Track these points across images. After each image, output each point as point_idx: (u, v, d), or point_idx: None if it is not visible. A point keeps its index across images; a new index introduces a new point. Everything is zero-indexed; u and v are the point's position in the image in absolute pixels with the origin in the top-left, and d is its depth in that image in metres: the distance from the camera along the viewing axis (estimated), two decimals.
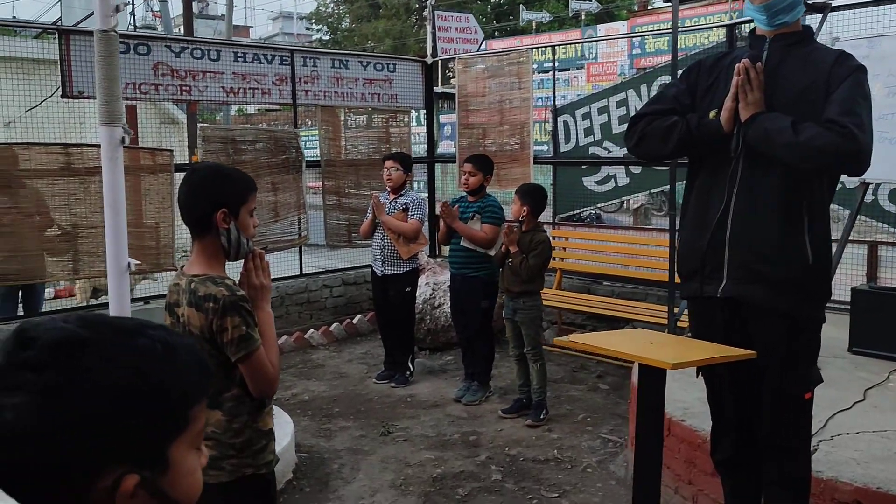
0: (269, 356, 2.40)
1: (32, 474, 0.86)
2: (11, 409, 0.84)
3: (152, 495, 0.91)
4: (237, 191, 2.43)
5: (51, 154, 6.16)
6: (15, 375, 0.85)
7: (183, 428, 0.93)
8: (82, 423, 0.85)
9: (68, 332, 0.88)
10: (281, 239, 7.44)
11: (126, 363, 0.89)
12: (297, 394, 5.92)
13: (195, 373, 0.96)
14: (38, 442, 0.84)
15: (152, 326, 0.95)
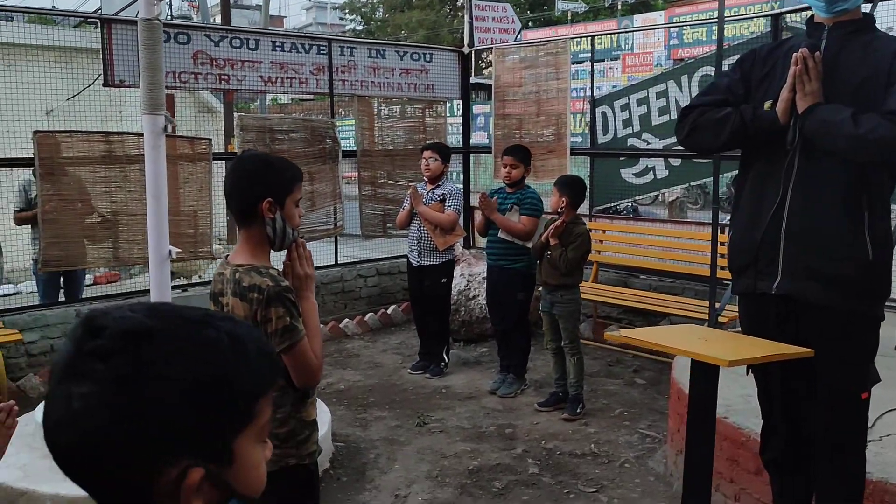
0: (312, 347, 2.39)
1: (98, 463, 0.85)
2: (79, 398, 0.83)
3: (217, 488, 0.90)
4: (283, 180, 2.41)
5: (92, 142, 6.22)
6: (83, 364, 0.84)
7: (249, 421, 0.92)
8: (148, 415, 0.83)
9: (137, 322, 0.87)
10: (317, 229, 7.45)
11: (194, 355, 0.87)
12: (332, 383, 5.93)
13: (262, 365, 0.94)
14: (103, 432, 0.83)
15: (220, 317, 0.93)
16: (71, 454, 0.86)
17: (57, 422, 0.86)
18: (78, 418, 0.83)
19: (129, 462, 0.84)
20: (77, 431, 0.84)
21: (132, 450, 0.84)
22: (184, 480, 0.86)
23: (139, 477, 0.85)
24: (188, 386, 0.85)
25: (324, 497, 4.04)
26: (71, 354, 0.86)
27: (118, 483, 0.86)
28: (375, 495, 4.12)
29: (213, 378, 0.87)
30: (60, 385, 0.85)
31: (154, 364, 0.84)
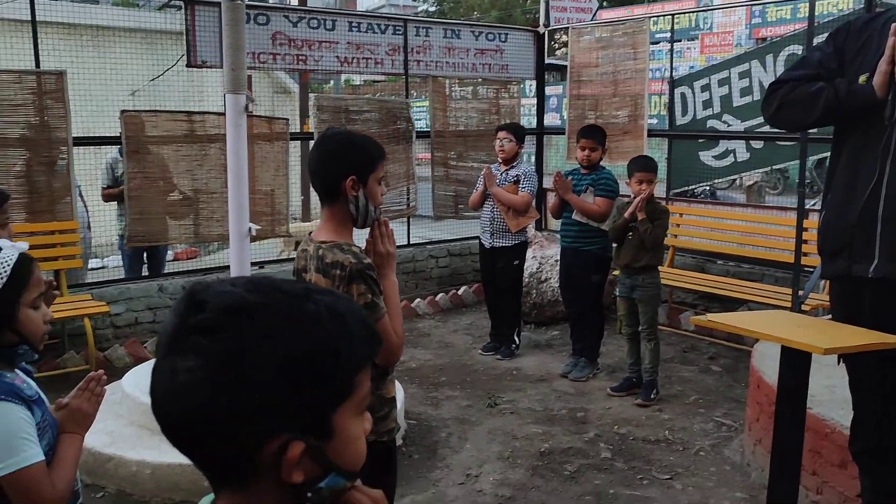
0: (393, 325, 2.40)
1: (201, 435, 0.87)
2: (184, 371, 0.85)
3: (317, 462, 0.90)
4: (366, 158, 2.42)
5: (175, 121, 6.40)
6: (187, 338, 0.86)
7: (348, 394, 0.92)
8: (250, 390, 0.84)
9: (239, 297, 0.88)
10: (390, 209, 7.51)
11: (294, 329, 0.87)
12: (404, 361, 5.98)
13: (361, 338, 0.93)
14: (207, 405, 0.84)
15: (319, 291, 0.93)
16: (176, 426, 0.88)
17: (163, 394, 0.87)
18: (182, 392, 0.85)
19: (232, 435, 0.85)
20: (181, 404, 0.86)
21: (234, 423, 0.85)
22: (284, 454, 0.87)
23: (242, 450, 0.87)
24: (289, 361, 0.85)
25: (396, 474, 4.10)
26: (176, 328, 0.87)
27: (222, 455, 0.88)
28: (447, 473, 4.15)
29: (314, 352, 0.87)
30: (166, 358, 0.87)
31: (255, 339, 0.85)
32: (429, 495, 3.91)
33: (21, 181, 5.74)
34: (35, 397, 1.77)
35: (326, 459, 0.91)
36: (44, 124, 5.74)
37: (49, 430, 1.80)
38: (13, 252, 1.76)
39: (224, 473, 0.91)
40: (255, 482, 0.89)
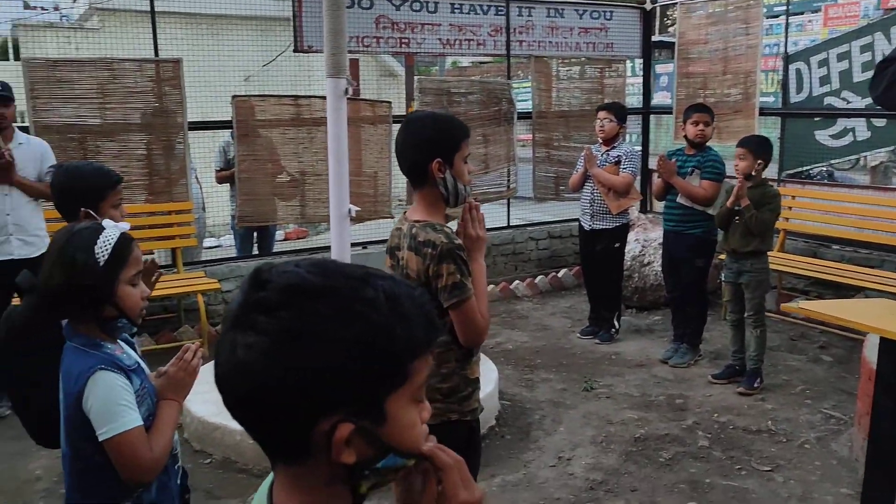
0: (479, 307, 2.42)
1: (256, 410, 0.89)
2: (244, 347, 0.87)
3: (370, 444, 0.91)
4: (450, 139, 2.44)
5: (283, 105, 6.61)
6: (249, 315, 0.88)
7: (403, 381, 0.92)
8: (304, 368, 0.86)
9: (300, 277, 0.90)
10: (490, 191, 7.52)
11: (352, 313, 0.88)
12: (500, 342, 6.01)
13: (419, 325, 0.92)
14: (262, 381, 0.87)
15: (380, 276, 0.94)
16: (234, 399, 0.91)
17: (223, 368, 0.90)
18: (240, 367, 0.88)
19: (285, 412, 0.88)
20: (239, 379, 0.88)
21: (287, 401, 0.87)
22: (334, 434, 0.89)
23: (294, 427, 0.89)
24: (343, 343, 0.87)
25: (488, 453, 4.14)
26: (239, 305, 0.90)
27: (275, 430, 0.91)
28: (539, 455, 4.16)
29: (368, 337, 0.88)
30: (228, 333, 0.90)
31: (312, 320, 0.87)
32: (519, 476, 3.94)
33: (141, 164, 6.08)
34: (134, 366, 1.90)
35: (380, 442, 0.92)
36: (162, 110, 6.06)
37: (148, 397, 1.92)
38: (115, 232, 1.88)
39: (279, 449, 0.94)
40: (307, 460, 0.91)
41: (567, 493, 3.77)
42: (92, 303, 1.84)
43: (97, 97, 5.82)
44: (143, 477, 1.84)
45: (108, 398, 1.80)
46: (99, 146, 5.89)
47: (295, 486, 0.95)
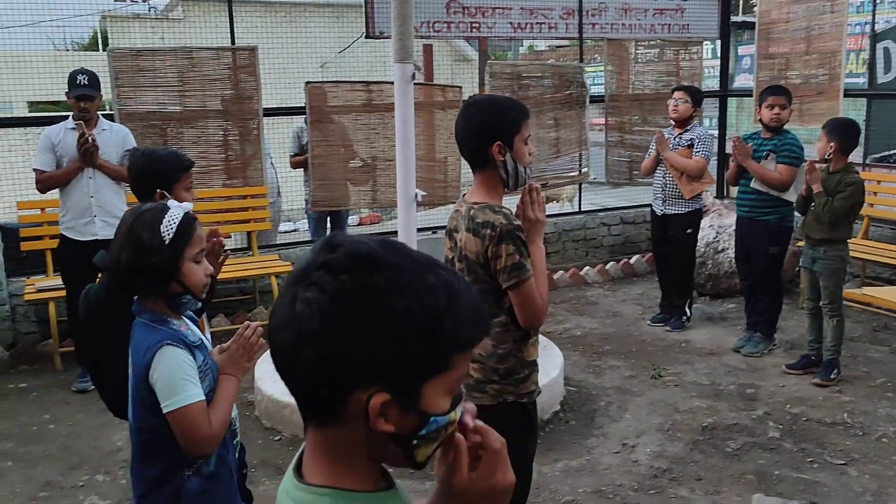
0: (538, 289, 2.41)
1: (302, 365, 0.92)
2: (303, 301, 0.90)
3: (405, 415, 0.94)
4: (509, 121, 2.44)
5: (355, 91, 6.70)
6: (315, 272, 0.91)
7: (442, 370, 0.94)
8: (353, 331, 0.89)
9: (370, 248, 0.93)
10: (561, 175, 7.47)
11: (409, 291, 0.90)
12: (569, 328, 5.98)
13: (469, 321, 0.95)
14: (313, 336, 0.89)
15: (444, 268, 0.96)
16: (283, 351, 0.93)
17: (279, 318, 0.93)
18: (295, 318, 0.90)
19: (327, 372, 0.91)
20: (292, 330, 0.91)
21: (332, 361, 0.90)
22: (370, 403, 0.91)
23: (334, 389, 0.92)
24: (396, 319, 0.89)
25: (551, 438, 4.15)
26: (308, 262, 0.94)
27: (314, 389, 0.93)
28: (603, 441, 4.13)
29: (421, 319, 0.90)
30: (291, 287, 0.93)
31: (373, 290, 0.90)
32: (582, 461, 3.92)
33: (218, 150, 6.27)
34: (197, 343, 1.98)
35: (418, 412, 0.94)
36: (238, 97, 6.23)
37: (210, 372, 2.00)
38: (179, 212, 1.96)
39: (314, 409, 0.96)
40: (338, 425, 0.95)
41: (630, 479, 3.73)
42: (158, 279, 1.93)
43: (177, 85, 6.03)
44: (203, 449, 1.92)
45: (172, 372, 1.88)
46: (179, 132, 6.10)
47: (325, 451, 0.98)
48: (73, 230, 4.81)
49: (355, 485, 0.97)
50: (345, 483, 0.96)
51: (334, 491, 0.95)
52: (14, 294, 5.62)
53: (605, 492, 3.63)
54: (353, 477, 0.97)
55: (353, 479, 0.97)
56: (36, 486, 3.80)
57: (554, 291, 6.96)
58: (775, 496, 3.56)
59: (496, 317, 2.46)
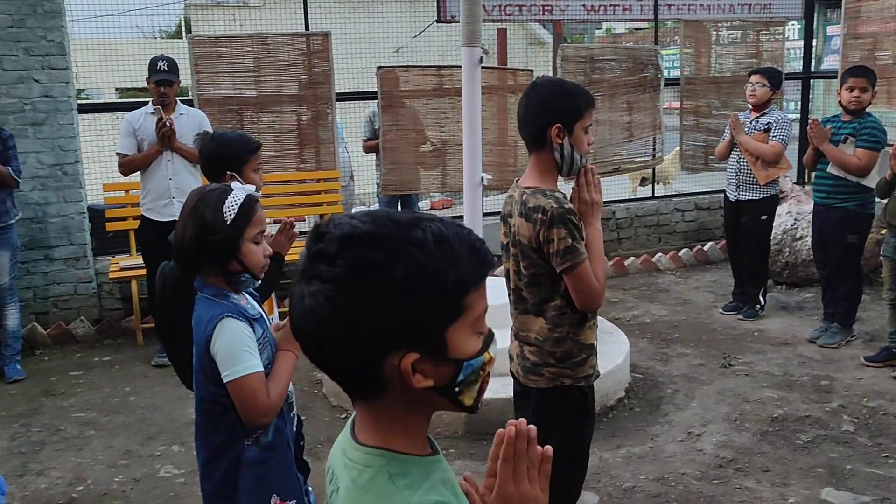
0: (595, 272, 2.40)
1: (328, 351, 0.98)
2: (310, 296, 0.95)
3: (439, 366, 0.98)
4: (573, 106, 2.43)
5: (426, 76, 6.73)
6: (313, 266, 0.96)
7: (458, 314, 0.98)
8: (364, 309, 0.93)
9: (352, 227, 0.97)
10: (634, 160, 7.35)
11: (403, 255, 0.94)
12: (637, 315, 5.90)
13: (469, 262, 0.98)
14: (328, 324, 0.95)
15: (428, 219, 1.00)
16: (308, 344, 0.99)
17: (296, 316, 0.99)
18: (309, 313, 0.96)
19: (353, 351, 0.96)
20: (309, 324, 0.97)
21: (353, 340, 0.95)
22: (401, 366, 0.96)
23: (365, 364, 0.97)
24: (396, 283, 0.93)
25: (614, 424, 4.12)
26: (305, 258, 0.99)
27: (348, 370, 1.00)
28: (667, 429, 4.08)
29: (419, 276, 0.94)
30: (297, 285, 0.98)
31: (368, 264, 0.94)
32: (645, 448, 3.88)
33: (293, 134, 6.41)
34: (257, 316, 2.05)
35: (450, 361, 0.99)
36: (311, 82, 6.34)
37: (268, 346, 2.07)
38: (242, 193, 2.03)
39: (356, 387, 1.02)
40: (383, 394, 1.00)
41: (694, 468, 3.68)
42: (219, 257, 2.00)
43: (253, 71, 6.18)
44: (261, 419, 2.00)
45: (232, 343, 1.96)
46: (255, 117, 6.26)
47: (374, 419, 1.03)
48: (153, 211, 5.01)
49: (406, 448, 1.03)
50: (397, 446, 1.02)
51: (388, 452, 1.01)
52: (100, 272, 5.90)
53: (667, 479, 3.59)
54: (403, 441, 1.03)
55: (404, 443, 1.03)
56: (116, 453, 4.00)
57: (624, 278, 6.88)
58: (846, 491, 3.45)
59: (552, 300, 2.47)
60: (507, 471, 1.08)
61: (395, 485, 0.99)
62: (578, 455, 2.64)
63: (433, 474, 1.03)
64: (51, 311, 5.77)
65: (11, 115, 5.45)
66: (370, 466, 1.01)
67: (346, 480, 1.04)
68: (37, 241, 5.64)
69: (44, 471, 3.83)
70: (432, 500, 0.98)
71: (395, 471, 1.00)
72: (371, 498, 1.00)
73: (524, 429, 1.07)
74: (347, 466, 1.04)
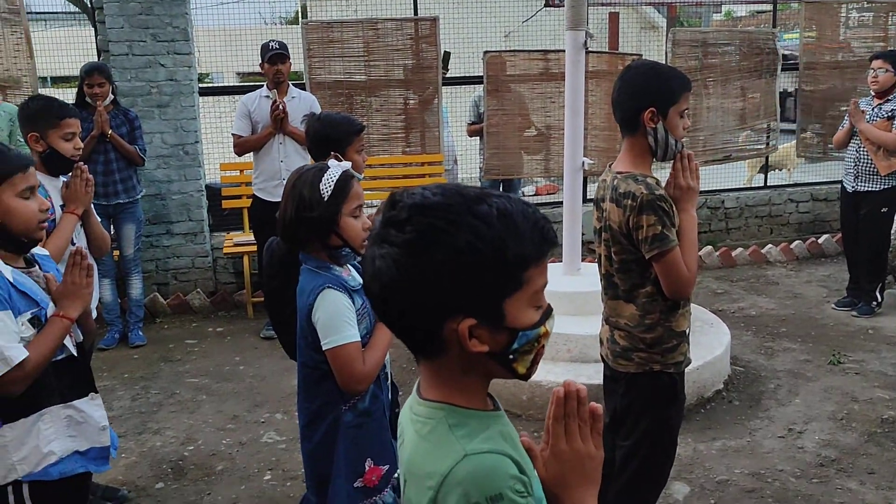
0: (685, 259, 2.37)
1: (394, 311, 1.07)
2: (380, 258, 1.04)
3: (495, 334, 1.05)
4: (668, 90, 2.39)
5: (532, 60, 6.72)
6: (385, 231, 1.04)
7: (517, 287, 1.04)
8: (428, 274, 1.01)
9: (423, 197, 1.04)
10: (746, 148, 7.10)
11: (465, 226, 1.01)
12: (743, 308, 5.73)
13: (531, 237, 1.04)
14: (394, 286, 1.03)
15: (496, 195, 1.06)
16: (377, 303, 1.08)
17: (367, 277, 1.08)
18: (377, 274, 1.04)
19: (416, 312, 1.04)
20: (377, 284, 1.05)
21: (416, 303, 1.03)
22: (458, 330, 1.03)
23: (427, 325, 1.05)
24: (458, 253, 1.00)
25: (712, 416, 4.04)
26: (379, 224, 1.07)
27: (412, 331, 1.08)
28: (767, 424, 3.96)
29: (480, 245, 1.00)
30: (370, 249, 1.07)
31: (431, 233, 1.01)
32: (742, 443, 3.79)
33: (399, 118, 6.54)
34: (357, 288, 2.14)
35: (506, 329, 1.06)
36: (419, 66, 6.45)
37: (367, 317, 2.16)
38: (338, 170, 2.12)
39: (417, 345, 1.10)
40: (442, 354, 1.07)
41: (793, 466, 3.57)
42: (318, 232, 2.11)
43: (363, 55, 6.34)
44: (356, 386, 2.09)
45: (332, 313, 2.06)
46: (364, 101, 6.42)
47: (435, 377, 1.11)
48: (264, 191, 5.23)
49: (465, 403, 1.10)
50: (456, 401, 1.10)
51: (448, 406, 1.09)
52: (215, 247, 6.22)
53: (763, 475, 3.50)
54: (462, 396, 1.10)
55: (463, 398, 1.10)
56: (224, 418, 4.24)
57: (731, 269, 6.68)
58: None
59: (643, 287, 2.45)
60: (559, 429, 1.13)
61: (453, 434, 1.06)
62: (666, 441, 2.62)
63: (492, 427, 1.10)
64: (170, 282, 6.14)
65: (140, 98, 5.81)
66: (432, 419, 1.09)
67: (411, 433, 1.12)
68: (159, 217, 6.01)
69: (160, 430, 4.11)
70: (488, 448, 1.04)
71: (454, 422, 1.07)
72: (430, 446, 1.07)
73: (574, 389, 1.12)
74: (413, 420, 1.13)
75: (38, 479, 2.08)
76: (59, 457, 2.12)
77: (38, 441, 2.07)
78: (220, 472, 3.67)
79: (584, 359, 4.09)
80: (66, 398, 2.15)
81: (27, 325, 2.01)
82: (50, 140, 3.01)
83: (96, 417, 2.23)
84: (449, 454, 1.03)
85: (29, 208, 2.10)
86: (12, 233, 2.08)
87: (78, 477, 2.20)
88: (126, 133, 5.13)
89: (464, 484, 1.00)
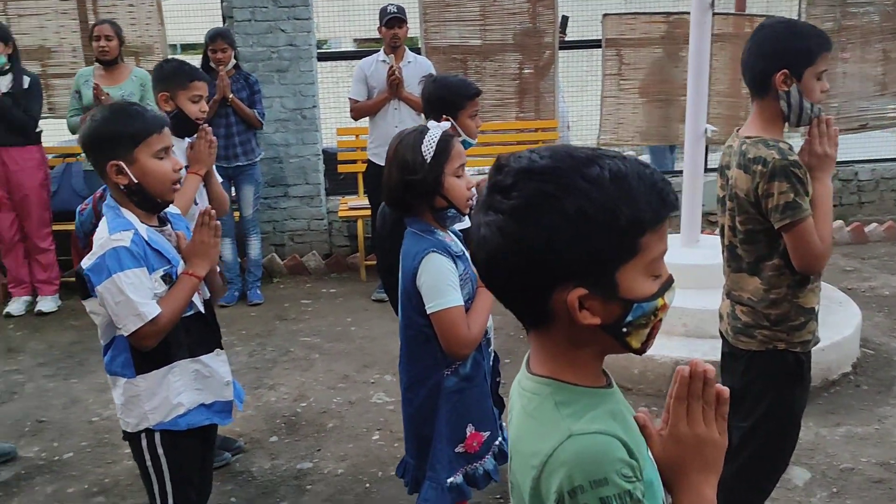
0: (819, 231, 2.22)
1: (501, 279, 1.02)
2: (486, 225, 0.99)
3: (608, 305, 0.98)
4: (803, 50, 2.22)
5: (653, 23, 6.48)
6: (491, 197, 0.99)
7: (632, 255, 0.97)
8: (533, 241, 0.95)
9: (530, 161, 0.98)
10: (886, 116, 6.61)
11: (575, 190, 0.94)
12: (874, 287, 5.38)
13: (647, 202, 0.96)
14: (500, 253, 0.98)
15: (609, 156, 0.98)
16: (484, 271, 1.04)
17: (474, 244, 1.03)
18: (484, 242, 1.00)
19: (524, 279, 0.98)
20: (484, 252, 1.01)
21: (525, 269, 0.97)
22: (568, 300, 0.97)
23: (534, 294, 0.99)
24: (566, 218, 0.94)
25: (836, 401, 3.84)
26: (486, 189, 1.02)
27: (517, 297, 1.03)
28: None
29: (590, 210, 0.94)
30: (476, 216, 1.02)
31: (539, 198, 0.95)
32: (870, 430, 3.57)
33: (514, 83, 6.45)
34: (460, 254, 2.13)
35: (620, 301, 0.98)
36: (534, 30, 6.31)
37: (469, 282, 2.14)
38: (438, 131, 2.10)
39: (528, 316, 1.05)
40: (551, 325, 1.02)
41: None
42: (423, 195, 2.10)
43: (479, 19, 6.26)
44: (460, 350, 2.08)
45: (437, 277, 2.06)
46: (479, 66, 6.36)
47: (544, 351, 1.06)
48: (379, 156, 5.26)
49: (575, 379, 1.04)
50: (565, 377, 1.04)
51: (556, 382, 1.04)
52: (331, 211, 6.35)
53: (892, 465, 3.28)
54: (572, 371, 1.04)
55: (573, 373, 1.04)
56: (336, 377, 4.34)
57: (862, 245, 6.28)
58: None
59: (769, 259, 2.31)
60: (681, 410, 1.05)
61: (559, 412, 1.00)
62: (787, 424, 2.48)
63: (602, 405, 1.03)
64: (287, 244, 6.32)
65: (261, 63, 5.96)
66: (538, 395, 1.04)
67: (518, 408, 1.08)
68: (277, 179, 6.18)
69: (274, 385, 4.25)
70: (594, 428, 0.98)
71: (561, 399, 1.02)
72: (535, 424, 1.03)
73: (700, 369, 1.03)
74: (521, 395, 1.08)
75: (168, 429, 2.17)
76: (187, 408, 2.20)
77: (168, 392, 2.16)
78: (330, 429, 3.77)
79: (700, 334, 3.94)
80: (193, 353, 2.23)
81: (160, 281, 2.09)
82: (178, 101, 3.11)
83: (221, 372, 2.31)
84: (554, 433, 0.98)
85: (164, 168, 2.14)
86: (148, 193, 2.13)
87: (204, 429, 2.28)
88: (246, 97, 5.27)
89: (567, 466, 0.95)
